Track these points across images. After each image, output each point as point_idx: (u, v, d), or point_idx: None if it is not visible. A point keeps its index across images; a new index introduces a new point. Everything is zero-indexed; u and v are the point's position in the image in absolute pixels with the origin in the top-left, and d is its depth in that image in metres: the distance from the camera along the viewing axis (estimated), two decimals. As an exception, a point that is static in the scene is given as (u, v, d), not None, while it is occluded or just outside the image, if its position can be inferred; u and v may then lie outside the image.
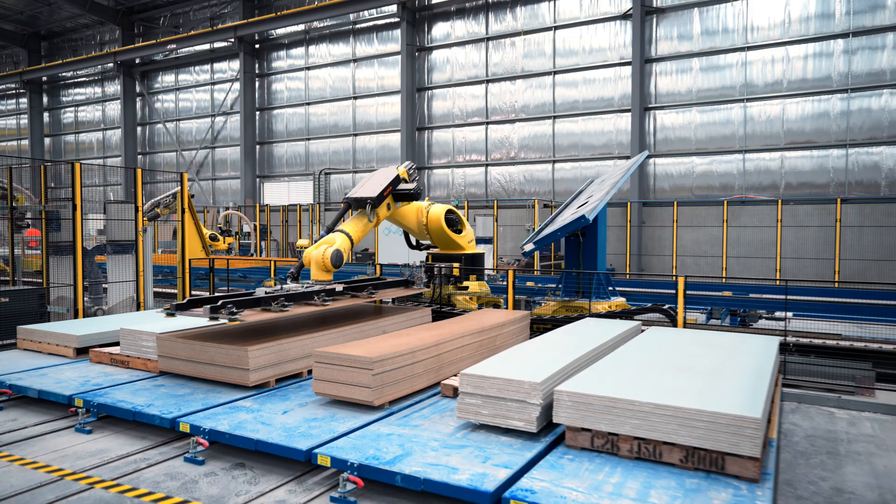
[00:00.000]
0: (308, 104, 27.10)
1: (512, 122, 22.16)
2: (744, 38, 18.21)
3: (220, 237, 20.12)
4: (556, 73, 21.13)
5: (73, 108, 35.96)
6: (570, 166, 21.09)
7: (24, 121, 37.39)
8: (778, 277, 16.53)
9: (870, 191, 16.75)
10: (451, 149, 23.62)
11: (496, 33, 22.25)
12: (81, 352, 7.38)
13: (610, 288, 9.02)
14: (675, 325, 7.59)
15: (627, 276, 16.26)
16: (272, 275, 10.60)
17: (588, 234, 8.82)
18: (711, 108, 18.77)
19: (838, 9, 16.99)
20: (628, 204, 19.01)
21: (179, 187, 10.44)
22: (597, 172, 20.57)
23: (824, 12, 17.19)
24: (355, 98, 25.70)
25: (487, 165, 22.76)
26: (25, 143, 37.40)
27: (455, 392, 5.82)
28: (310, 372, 6.59)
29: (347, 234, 7.54)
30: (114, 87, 33.69)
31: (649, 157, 19.71)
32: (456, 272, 9.52)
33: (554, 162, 21.41)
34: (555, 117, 21.25)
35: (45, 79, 36.27)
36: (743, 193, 18.32)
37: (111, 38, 33.39)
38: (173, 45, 28.86)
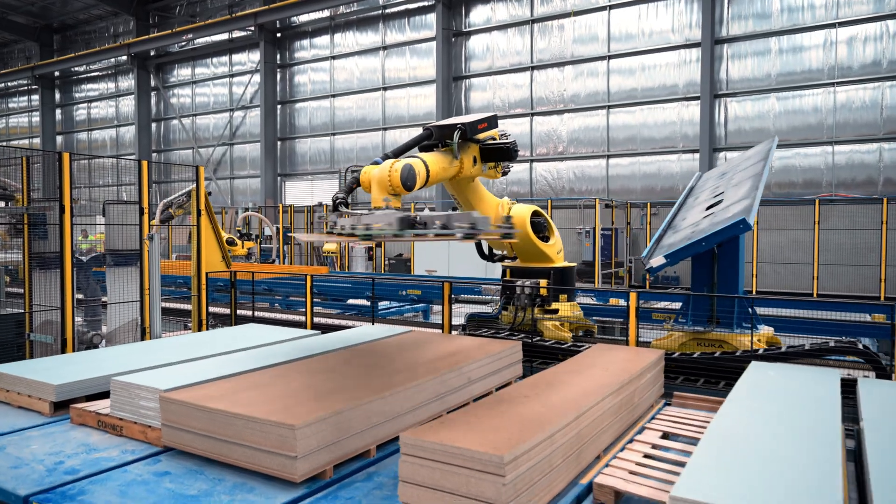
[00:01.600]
0: (333, 96, 25.18)
1: (560, 113, 20.04)
2: (833, 14, 15.96)
3: (239, 241, 18.27)
4: (610, 57, 18.99)
5: (85, 105, 34.38)
6: (626, 161, 18.93)
7: (37, 118, 35.88)
8: (883, 290, 14.29)
9: None
10: (490, 143, 21.51)
11: (542, 15, 20.14)
12: (62, 405, 5.43)
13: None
14: (879, 373, 5.48)
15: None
16: (308, 290, 8.61)
17: (725, 246, 6.73)
18: (793, 94, 16.53)
19: (950, -23, 14.73)
20: (699, 203, 16.77)
21: (195, 185, 8.49)
22: (658, 169, 18.45)
23: (931, -18, 14.94)
24: (385, 89, 23.72)
25: (532, 161, 20.66)
26: (37, 141, 35.90)
27: (617, 496, 3.77)
28: (379, 448, 4.60)
29: (423, 161, 5.32)
30: (128, 82, 32.03)
31: (718, 150, 17.51)
32: (543, 291, 7.47)
33: (608, 157, 19.27)
34: (609, 107, 19.10)
35: (57, 74, 34.72)
36: (832, 191, 16.07)
37: (125, 30, 31.75)
38: (190, 35, 27.09)
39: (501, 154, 6.42)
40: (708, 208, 7.12)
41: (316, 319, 9.21)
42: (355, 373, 5.23)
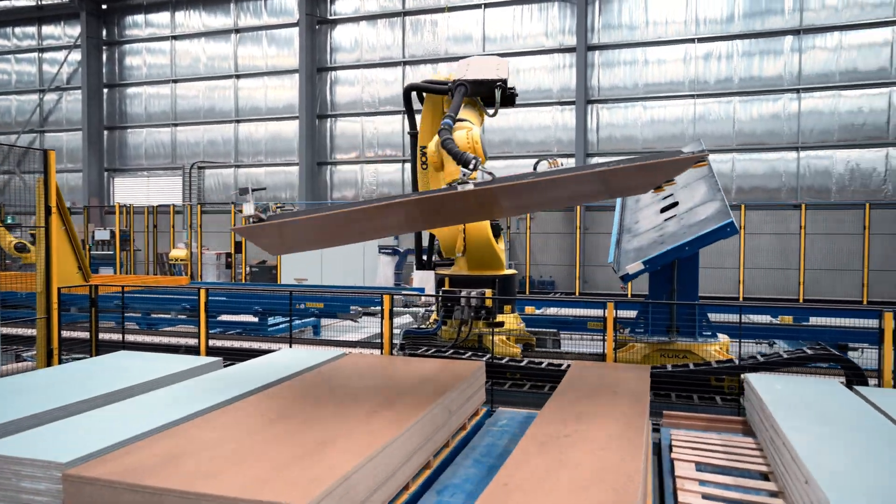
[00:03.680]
0: (175, 82, 22.38)
1: (433, 112, 19.39)
2: (692, 30, 17.03)
3: (32, 248, 15.29)
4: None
5: None
6: (502, 164, 18.79)
7: None
8: (742, 291, 15.42)
9: (821, 196, 16.19)
10: (359, 141, 20.37)
11: (414, 9, 19.42)
12: None
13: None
14: (850, 378, 5.37)
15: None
16: (202, 306, 7.01)
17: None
18: (658, 104, 17.39)
19: (787, 5, 16.27)
20: (578, 208, 16.96)
21: (43, 175, 6.55)
22: (532, 172, 18.49)
23: (771, 8, 16.41)
24: (238, 77, 21.52)
25: (404, 162, 19.83)
26: None
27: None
28: (381, 517, 3.49)
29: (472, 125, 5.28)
30: None
31: (591, 155, 17.96)
32: (488, 303, 6.66)
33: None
34: (484, 109, 18.84)
35: None
36: (691, 197, 17.09)
37: None
38: (-15, -2, 22.64)
39: (506, 101, 6.03)
40: (663, 210, 6.79)
41: (195, 342, 7.55)
42: (326, 416, 4.03)
